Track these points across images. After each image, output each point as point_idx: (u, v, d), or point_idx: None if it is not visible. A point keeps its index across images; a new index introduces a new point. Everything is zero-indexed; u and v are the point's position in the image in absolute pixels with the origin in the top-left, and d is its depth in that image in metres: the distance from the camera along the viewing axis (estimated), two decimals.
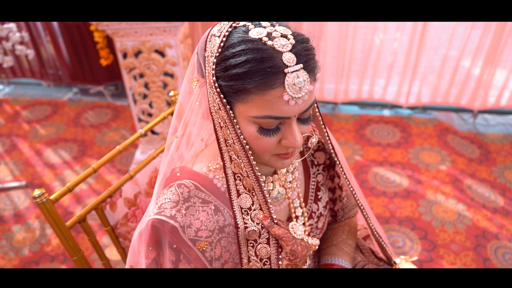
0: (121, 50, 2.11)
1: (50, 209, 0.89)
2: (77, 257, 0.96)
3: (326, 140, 0.87)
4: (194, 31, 2.60)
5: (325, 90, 2.87)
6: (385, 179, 2.31)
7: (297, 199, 0.88)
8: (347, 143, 2.59)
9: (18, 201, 2.30)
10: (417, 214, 2.09)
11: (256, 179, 0.73)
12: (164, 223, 0.73)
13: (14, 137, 2.83)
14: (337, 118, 2.84)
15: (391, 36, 2.60)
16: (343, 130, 2.71)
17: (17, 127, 2.94)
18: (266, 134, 0.69)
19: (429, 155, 2.46)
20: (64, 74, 3.21)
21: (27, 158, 2.64)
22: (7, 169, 2.55)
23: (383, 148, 2.54)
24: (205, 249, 0.76)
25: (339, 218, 1.07)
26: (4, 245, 2.04)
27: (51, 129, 2.90)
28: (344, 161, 0.99)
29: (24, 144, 2.76)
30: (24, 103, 3.21)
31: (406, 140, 2.60)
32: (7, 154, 2.68)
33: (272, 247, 0.77)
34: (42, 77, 3.28)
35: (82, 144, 2.73)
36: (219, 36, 0.69)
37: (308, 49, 0.68)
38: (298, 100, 0.66)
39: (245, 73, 0.64)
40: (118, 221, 1.05)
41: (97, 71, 3.08)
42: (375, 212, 2.11)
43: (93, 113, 3.04)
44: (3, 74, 3.33)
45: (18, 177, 2.49)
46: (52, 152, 2.67)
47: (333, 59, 2.76)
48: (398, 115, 2.83)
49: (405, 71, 2.66)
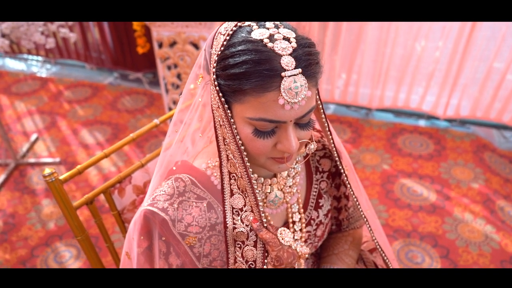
0: (157, 39, 2.15)
1: (59, 189, 0.93)
2: (81, 237, 0.99)
3: (332, 147, 0.85)
4: None
5: (360, 95, 2.80)
6: (412, 191, 2.24)
7: (296, 204, 0.87)
8: (377, 151, 2.53)
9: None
10: (441, 231, 2.00)
11: (249, 180, 0.72)
12: (155, 214, 0.74)
13: (55, 115, 2.97)
14: (370, 124, 2.77)
15: (433, 44, 2.50)
16: (374, 137, 2.64)
17: (58, 105, 3.08)
18: (261, 136, 0.68)
19: (462, 171, 2.35)
20: (106, 59, 3.32)
21: (64, 136, 2.76)
22: (44, 145, 2.68)
23: (414, 160, 2.45)
24: (194, 245, 0.77)
25: (344, 227, 1.04)
26: (33, 217, 2.16)
27: (89, 110, 3.02)
28: (352, 170, 0.97)
29: (63, 122, 2.89)
30: (67, 83, 3.35)
31: (439, 153, 2.49)
32: (46, 130, 2.82)
33: (258, 251, 0.76)
34: (86, 60, 3.42)
35: (116, 127, 2.82)
36: (224, 35, 0.69)
37: (311, 54, 0.66)
38: (294, 105, 0.64)
39: (242, 73, 0.64)
40: (125, 207, 1.07)
41: (137, 58, 3.17)
42: (396, 224, 2.05)
43: (130, 99, 3.13)
44: (50, 54, 3.50)
45: (54, 153, 2.61)
46: (87, 133, 2.78)
47: (370, 63, 2.69)
48: (434, 126, 2.72)
49: (446, 81, 2.55)
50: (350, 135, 2.67)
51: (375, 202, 2.17)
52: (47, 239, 2.04)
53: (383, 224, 2.05)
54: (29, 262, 1.93)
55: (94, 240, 2.00)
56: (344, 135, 2.68)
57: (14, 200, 2.26)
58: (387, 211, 2.12)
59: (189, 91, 0.82)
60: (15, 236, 2.05)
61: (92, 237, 1.97)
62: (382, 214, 2.11)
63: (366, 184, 2.28)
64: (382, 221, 2.06)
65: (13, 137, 2.76)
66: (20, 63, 3.68)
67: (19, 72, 3.54)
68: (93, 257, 1.03)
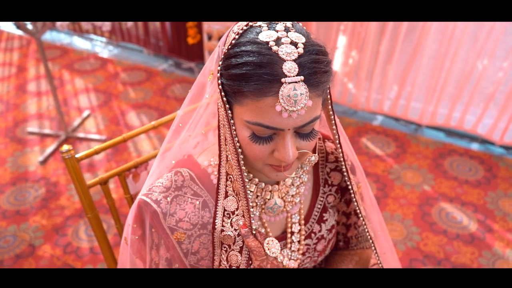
0: (207, 32, 2.19)
1: (74, 166, 0.97)
2: (91, 215, 1.03)
3: (341, 159, 0.81)
4: None
5: (410, 109, 2.67)
6: (451, 217, 2.10)
7: (297, 215, 0.84)
8: (420, 170, 2.40)
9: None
10: (476, 264, 1.86)
11: (243, 184, 0.70)
12: (148, 205, 0.75)
13: (109, 95, 3.11)
14: (417, 141, 2.63)
15: (498, 63, 2.32)
16: (420, 155, 2.51)
17: (113, 86, 3.23)
18: (258, 141, 0.66)
19: (511, 204, 2.17)
20: (163, 46, 3.42)
21: (113, 116, 2.88)
22: (94, 122, 2.82)
23: (459, 184, 2.29)
24: (182, 241, 0.76)
25: (352, 246, 0.99)
26: (72, 189, 2.27)
27: (140, 93, 3.13)
28: (366, 187, 0.92)
29: (114, 102, 3.03)
30: (125, 65, 3.50)
31: (489, 181, 2.32)
32: (99, 108, 2.96)
33: (243, 257, 0.74)
34: (145, 45, 3.55)
35: (162, 113, 2.90)
36: (234, 33, 0.67)
37: (318, 61, 0.62)
38: (293, 113, 0.62)
39: (242, 75, 0.62)
40: (138, 192, 1.10)
41: (191, 48, 3.24)
42: (428, 249, 1.93)
43: (180, 87, 3.21)
44: (113, 36, 3.67)
45: (101, 131, 2.74)
46: (134, 115, 2.89)
47: (426, 76, 2.56)
48: (487, 152, 2.53)
49: (507, 104, 2.36)
50: (394, 150, 2.56)
51: (408, 223, 2.06)
52: (81, 211, 2.14)
53: (413, 247, 1.94)
54: (61, 230, 2.04)
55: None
56: (387, 148, 2.57)
57: (58, 170, 2.40)
58: (420, 233, 2.01)
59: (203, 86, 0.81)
60: (54, 204, 2.18)
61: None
62: (414, 236, 2.00)
63: (402, 203, 2.18)
64: (412, 244, 1.96)
65: (68, 111, 2.93)
66: (86, 42, 3.90)
67: (84, 50, 3.75)
68: (101, 235, 1.06)
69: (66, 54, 3.69)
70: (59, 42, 3.89)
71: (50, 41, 3.89)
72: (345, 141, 0.88)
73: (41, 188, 2.28)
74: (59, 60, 3.59)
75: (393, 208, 2.15)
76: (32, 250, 1.94)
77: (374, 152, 2.54)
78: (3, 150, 2.55)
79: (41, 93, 3.13)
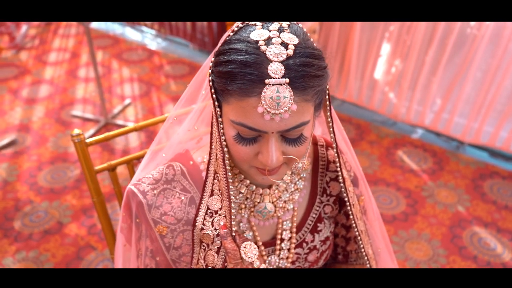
0: None
1: (83, 150, 1.00)
2: (97, 199, 1.06)
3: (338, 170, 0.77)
4: (323, 26, 2.54)
5: (453, 124, 2.53)
6: (483, 243, 1.96)
7: (289, 222, 0.81)
8: (456, 189, 2.26)
9: (130, 140, 2.63)
10: None
11: (226, 184, 0.69)
12: (135, 195, 0.75)
13: (151, 86, 3.20)
14: (457, 158, 2.49)
15: None
16: (458, 174, 2.37)
17: (156, 77, 3.32)
18: (242, 142, 0.65)
19: None
20: (208, 41, 3.48)
21: (152, 107, 2.96)
22: (134, 111, 2.92)
23: (497, 209, 2.14)
24: (164, 234, 0.76)
25: (351, 261, 0.95)
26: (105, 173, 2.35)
27: (181, 87, 3.19)
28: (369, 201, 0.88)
29: (155, 93, 3.11)
30: (170, 58, 3.59)
31: None
32: (140, 97, 3.06)
33: (219, 258, 0.73)
34: (191, 40, 3.61)
35: None
36: (230, 30, 0.66)
37: (307, 65, 0.59)
38: (275, 116, 0.59)
39: (228, 72, 0.61)
40: None
41: None
42: None
43: None
44: (162, 29, 3.77)
45: (139, 119, 2.82)
46: (171, 107, 2.95)
47: (472, 90, 2.41)
48: None
49: None
50: (430, 166, 2.43)
51: (436, 244, 1.95)
52: (109, 196, 2.22)
53: None
54: (89, 212, 2.12)
55: None
56: (424, 164, 2.45)
57: (94, 154, 2.50)
58: (447, 257, 1.90)
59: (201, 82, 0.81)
60: (86, 186, 2.27)
61: None
62: (440, 258, 1.89)
63: (431, 222, 2.06)
64: (437, 266, 1.85)
65: (111, 98, 3.04)
66: (137, 33, 4.04)
67: (134, 41, 3.89)
68: (105, 220, 1.08)
69: (117, 43, 3.84)
70: (112, 31, 4.06)
71: (104, 30, 4.07)
72: (349, 150, 0.84)
73: (76, 169, 2.39)
74: (110, 49, 3.74)
75: (421, 226, 2.04)
76: (59, 227, 2.03)
77: (409, 166, 2.43)
78: (47, 130, 2.70)
79: (89, 79, 3.28)
